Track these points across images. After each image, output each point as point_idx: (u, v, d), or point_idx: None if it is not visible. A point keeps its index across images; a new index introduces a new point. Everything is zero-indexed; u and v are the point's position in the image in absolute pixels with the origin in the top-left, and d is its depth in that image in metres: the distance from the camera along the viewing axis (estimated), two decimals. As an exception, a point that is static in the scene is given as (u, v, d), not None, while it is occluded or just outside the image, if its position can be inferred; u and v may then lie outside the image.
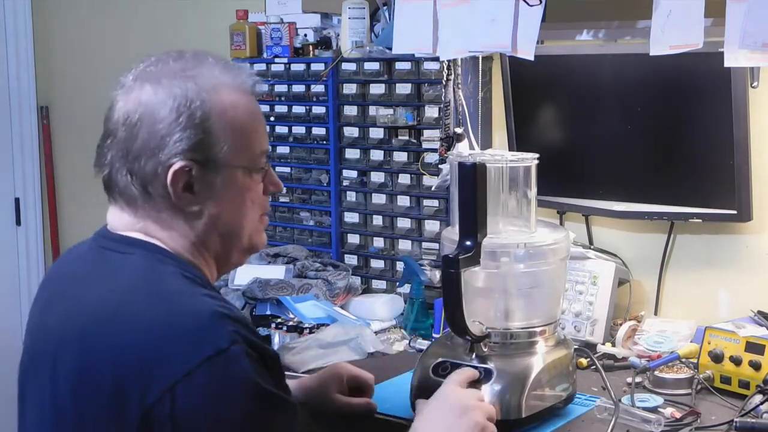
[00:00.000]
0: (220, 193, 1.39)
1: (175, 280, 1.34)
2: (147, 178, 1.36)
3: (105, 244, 1.41)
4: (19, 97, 4.08)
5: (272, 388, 1.28)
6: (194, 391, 1.21)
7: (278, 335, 2.36)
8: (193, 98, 1.36)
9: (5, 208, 4.10)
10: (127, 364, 1.24)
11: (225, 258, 1.46)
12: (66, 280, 1.45)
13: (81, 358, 1.29)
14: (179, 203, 1.37)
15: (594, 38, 2.38)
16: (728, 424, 1.78)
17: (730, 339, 1.96)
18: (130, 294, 1.31)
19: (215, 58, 1.43)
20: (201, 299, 1.31)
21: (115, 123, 1.38)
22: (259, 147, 1.44)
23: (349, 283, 2.70)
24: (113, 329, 1.27)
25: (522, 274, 1.82)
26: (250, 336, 1.29)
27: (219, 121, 1.37)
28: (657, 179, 2.33)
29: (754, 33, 1.87)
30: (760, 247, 2.27)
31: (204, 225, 1.40)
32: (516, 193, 1.83)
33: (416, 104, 2.69)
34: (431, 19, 2.41)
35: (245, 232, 1.45)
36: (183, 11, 3.58)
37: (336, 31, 2.93)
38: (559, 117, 2.52)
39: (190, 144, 1.35)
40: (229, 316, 1.28)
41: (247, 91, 1.43)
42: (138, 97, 1.37)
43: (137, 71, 1.41)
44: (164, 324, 1.26)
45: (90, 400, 1.26)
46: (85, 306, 1.33)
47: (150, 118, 1.35)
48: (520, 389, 1.74)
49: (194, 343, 1.23)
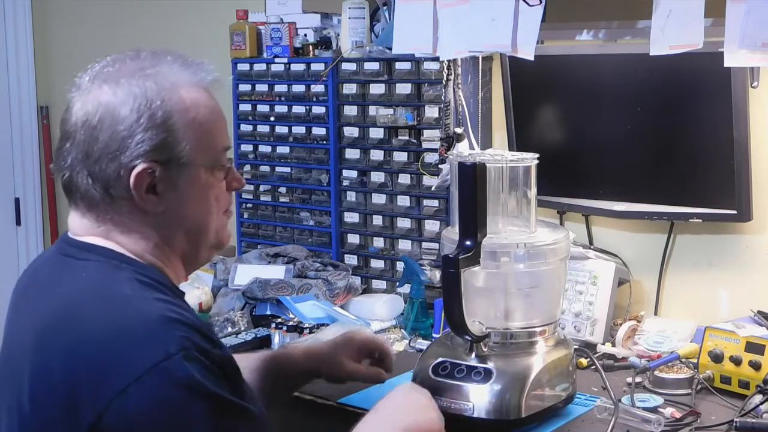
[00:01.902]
0: (183, 192, 1.38)
1: (128, 284, 1.32)
2: (108, 180, 1.34)
3: (65, 250, 1.40)
4: (19, 97, 4.08)
5: (226, 394, 1.26)
6: (144, 396, 1.20)
7: (278, 335, 2.36)
8: (153, 98, 1.34)
9: (5, 208, 4.10)
10: (78, 369, 1.23)
11: (192, 256, 1.45)
12: (30, 286, 1.44)
13: (37, 364, 1.28)
14: (144, 205, 1.36)
15: (594, 38, 2.38)
16: (728, 424, 1.78)
17: (730, 339, 1.96)
18: (82, 300, 1.30)
19: (173, 55, 1.42)
20: (152, 304, 1.29)
21: (73, 125, 1.36)
22: (221, 144, 1.43)
23: (349, 283, 2.70)
24: (65, 335, 1.27)
25: (522, 274, 1.82)
26: (201, 342, 1.27)
27: (181, 120, 1.36)
28: (657, 179, 2.33)
29: (754, 33, 1.87)
30: (760, 247, 2.27)
31: (169, 225, 1.39)
32: (516, 193, 1.83)
33: (416, 104, 2.69)
34: (431, 19, 2.41)
35: (211, 230, 1.44)
36: (183, 11, 3.58)
37: (336, 31, 2.94)
38: (559, 117, 2.52)
39: (152, 145, 1.34)
40: (179, 321, 1.27)
41: (206, 88, 1.41)
42: (97, 98, 1.35)
43: (94, 71, 1.39)
44: (114, 329, 1.25)
45: (46, 405, 1.26)
46: (42, 312, 1.33)
47: (110, 120, 1.33)
48: (520, 389, 1.74)
49: (143, 348, 1.22)
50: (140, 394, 1.20)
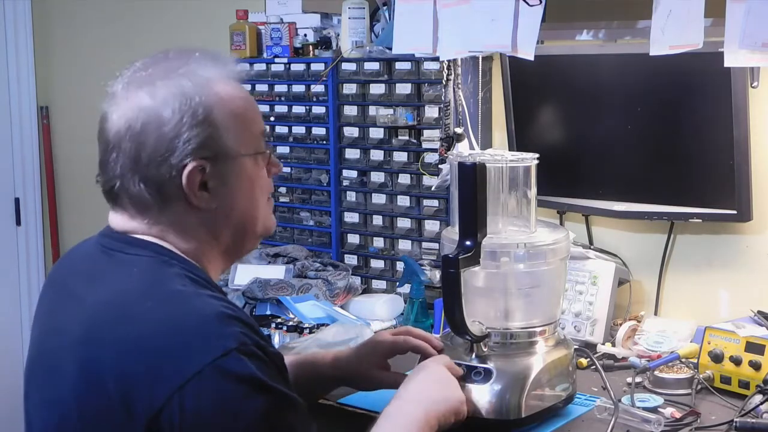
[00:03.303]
0: (232, 185, 1.40)
1: (180, 281, 1.33)
2: (161, 183, 1.35)
3: (110, 244, 1.40)
4: (19, 97, 4.08)
5: (283, 387, 1.28)
6: (203, 392, 1.21)
7: (278, 335, 2.36)
8: (191, 95, 1.35)
9: (5, 208, 4.10)
10: (134, 366, 1.23)
11: (238, 248, 1.46)
12: (72, 279, 1.43)
13: (85, 360, 1.28)
14: (198, 203, 1.37)
15: (594, 38, 2.38)
16: (728, 424, 1.78)
17: (730, 339, 1.96)
18: (135, 296, 1.31)
19: (201, 52, 1.43)
20: (207, 300, 1.30)
21: (116, 134, 1.36)
22: (258, 129, 1.45)
23: (349, 283, 2.70)
24: (118, 331, 1.27)
25: (522, 274, 1.82)
26: (257, 338, 1.29)
27: (221, 113, 1.37)
28: (657, 179, 2.33)
29: (754, 33, 1.87)
30: (760, 247, 2.27)
31: (220, 220, 1.40)
32: (516, 193, 1.83)
33: (416, 104, 2.69)
34: (431, 19, 2.41)
35: (259, 220, 1.46)
36: (183, 11, 3.58)
37: (336, 31, 2.94)
38: (559, 117, 2.52)
39: (199, 142, 1.35)
40: (235, 317, 1.28)
41: (236, 79, 1.43)
42: (136, 104, 1.35)
43: (126, 78, 1.39)
44: (170, 326, 1.25)
45: (93, 401, 1.26)
46: (91, 307, 1.32)
47: (155, 123, 1.34)
48: (520, 389, 1.74)
49: (202, 344, 1.23)
50: (201, 389, 1.20)
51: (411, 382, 1.63)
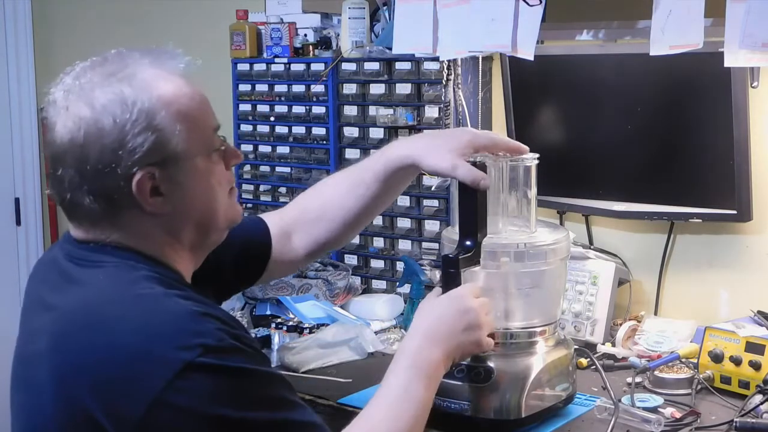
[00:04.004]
0: (186, 186, 1.35)
1: (148, 283, 1.30)
2: (111, 194, 1.31)
3: (75, 252, 1.37)
4: (19, 97, 4.08)
5: (268, 368, 1.29)
6: (188, 391, 1.19)
7: (278, 335, 2.36)
8: (132, 101, 1.30)
9: (5, 208, 4.10)
10: (107, 373, 1.21)
11: (203, 243, 1.43)
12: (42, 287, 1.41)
13: (57, 369, 1.26)
14: (152, 209, 1.33)
15: (594, 38, 2.38)
16: (728, 424, 1.78)
17: (730, 339, 1.96)
18: (103, 302, 1.28)
19: (140, 51, 1.37)
20: (176, 301, 1.28)
21: (60, 146, 1.32)
22: (210, 127, 1.40)
23: (349, 283, 2.70)
24: (89, 339, 1.25)
25: (522, 274, 1.81)
26: (233, 330, 1.27)
27: (165, 116, 1.32)
28: (657, 179, 2.33)
29: (754, 33, 1.87)
30: (760, 247, 2.27)
31: (178, 222, 1.37)
32: (516, 193, 1.83)
33: (416, 104, 2.69)
34: (431, 19, 2.41)
35: (219, 215, 1.42)
36: (183, 11, 3.58)
37: (336, 31, 2.93)
38: (559, 117, 2.52)
39: (145, 149, 1.30)
40: (208, 314, 1.26)
41: (182, 75, 1.37)
42: (76, 115, 1.30)
43: (65, 85, 1.34)
44: (143, 329, 1.23)
45: (70, 419, 1.24)
46: (61, 316, 1.30)
47: (96, 135, 1.29)
48: (520, 389, 1.74)
49: (178, 344, 1.21)
50: (184, 389, 1.19)
51: (430, 316, 1.58)
